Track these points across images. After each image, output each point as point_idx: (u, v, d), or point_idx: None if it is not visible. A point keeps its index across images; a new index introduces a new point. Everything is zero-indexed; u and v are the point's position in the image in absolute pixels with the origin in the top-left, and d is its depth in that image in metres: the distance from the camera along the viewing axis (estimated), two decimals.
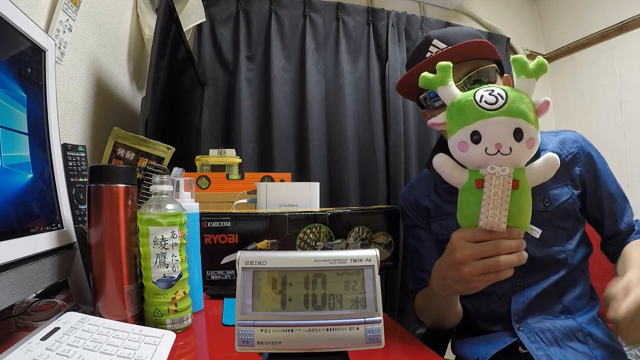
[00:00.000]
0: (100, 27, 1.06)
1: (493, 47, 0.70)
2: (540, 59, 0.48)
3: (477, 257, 0.49)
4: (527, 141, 0.46)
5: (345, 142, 1.75)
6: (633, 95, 2.01)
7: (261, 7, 1.73)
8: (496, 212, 0.46)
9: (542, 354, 0.64)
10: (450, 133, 0.50)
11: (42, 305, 0.58)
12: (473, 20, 2.27)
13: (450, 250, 0.53)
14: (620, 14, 2.01)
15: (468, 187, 0.50)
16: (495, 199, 0.46)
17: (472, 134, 0.47)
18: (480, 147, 0.47)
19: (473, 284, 0.51)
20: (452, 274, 0.53)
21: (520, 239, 0.49)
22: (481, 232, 0.49)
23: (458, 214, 0.52)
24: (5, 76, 0.46)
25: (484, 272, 0.49)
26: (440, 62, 0.52)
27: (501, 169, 0.46)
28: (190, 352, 0.50)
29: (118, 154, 0.89)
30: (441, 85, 0.52)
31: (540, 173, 0.48)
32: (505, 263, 0.48)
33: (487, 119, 0.46)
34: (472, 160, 0.49)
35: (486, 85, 0.50)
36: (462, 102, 0.49)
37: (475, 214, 0.48)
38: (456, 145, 0.49)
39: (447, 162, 0.51)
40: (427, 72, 0.53)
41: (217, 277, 0.75)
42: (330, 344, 0.36)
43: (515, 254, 0.48)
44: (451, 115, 0.50)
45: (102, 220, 0.51)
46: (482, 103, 0.47)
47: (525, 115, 0.46)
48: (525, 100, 0.47)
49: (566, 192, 0.71)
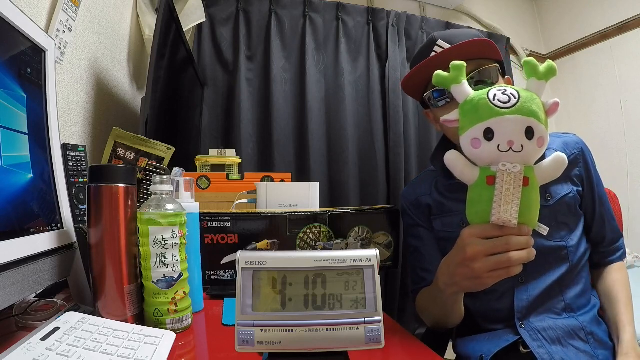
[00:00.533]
0: (100, 27, 1.06)
1: (496, 46, 0.71)
2: (550, 62, 0.50)
3: (488, 253, 0.50)
4: (538, 140, 0.48)
5: (345, 142, 1.75)
6: (633, 95, 2.01)
7: (261, 7, 1.74)
8: (508, 208, 0.47)
9: (544, 352, 0.64)
10: (462, 130, 0.51)
11: (42, 305, 0.58)
12: (473, 20, 2.27)
13: (461, 246, 0.53)
14: (620, 14, 2.02)
15: (479, 184, 0.50)
16: (507, 195, 0.47)
17: (486, 131, 0.48)
18: (492, 144, 0.48)
19: (483, 280, 0.52)
20: (462, 270, 0.53)
21: (529, 235, 0.50)
22: (492, 228, 0.50)
23: (468, 210, 0.52)
24: (5, 76, 0.46)
25: (495, 268, 0.50)
26: (454, 61, 0.53)
27: (512, 166, 0.47)
28: (190, 352, 0.50)
29: (118, 154, 0.89)
30: (455, 83, 0.53)
31: (549, 171, 0.50)
32: (516, 259, 0.49)
33: (501, 117, 0.47)
34: (485, 157, 0.50)
35: (498, 85, 0.52)
36: (475, 100, 0.50)
37: (486, 211, 0.49)
38: (469, 141, 0.50)
39: (459, 158, 0.52)
40: (441, 70, 0.54)
41: (217, 277, 0.75)
42: (330, 344, 0.36)
43: (525, 250, 0.49)
44: (464, 113, 0.51)
45: (102, 220, 0.51)
46: (495, 101, 0.48)
47: (536, 114, 0.48)
48: (536, 101, 0.49)
49: (566, 188, 0.72)
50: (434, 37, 0.74)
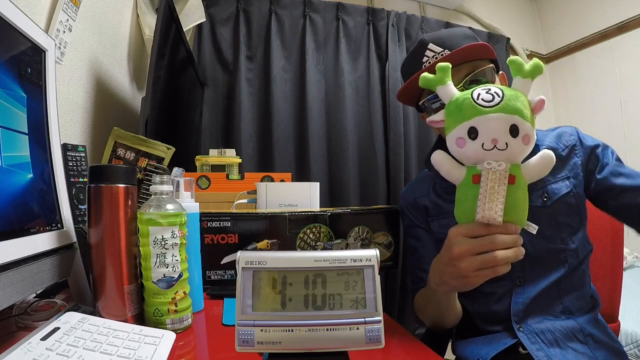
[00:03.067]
0: (100, 27, 1.06)
1: (490, 47, 0.71)
2: (536, 60, 0.50)
3: (474, 252, 0.50)
4: (523, 137, 0.48)
5: (345, 142, 1.75)
6: (633, 95, 2.01)
7: (261, 7, 1.74)
8: (492, 205, 0.47)
9: (542, 354, 0.64)
10: (448, 130, 0.52)
11: (42, 305, 0.58)
12: (473, 20, 2.27)
13: (448, 246, 0.53)
14: (620, 14, 2.02)
15: (465, 183, 0.51)
16: (492, 192, 0.47)
17: (469, 130, 0.48)
18: (477, 143, 0.48)
19: (470, 280, 0.51)
20: (450, 270, 0.53)
21: (516, 234, 0.50)
22: (478, 227, 0.49)
23: (455, 210, 0.52)
24: (5, 76, 0.46)
25: (481, 267, 0.50)
26: (439, 63, 0.53)
27: (497, 163, 0.48)
28: (190, 352, 0.50)
29: (118, 154, 0.89)
30: (440, 84, 0.53)
31: (536, 169, 0.50)
32: (502, 258, 0.48)
33: (484, 115, 0.47)
34: (470, 155, 0.50)
35: (483, 85, 0.52)
36: (459, 100, 0.50)
37: (472, 209, 0.49)
38: (454, 141, 0.51)
39: (445, 158, 0.52)
40: (427, 73, 0.55)
41: (217, 277, 0.75)
42: (330, 344, 0.36)
43: (512, 249, 0.49)
44: (449, 113, 0.52)
45: (102, 220, 0.51)
46: (479, 100, 0.48)
47: (520, 112, 0.47)
48: (521, 99, 0.49)
49: (566, 186, 0.70)
50: (423, 40, 0.73)
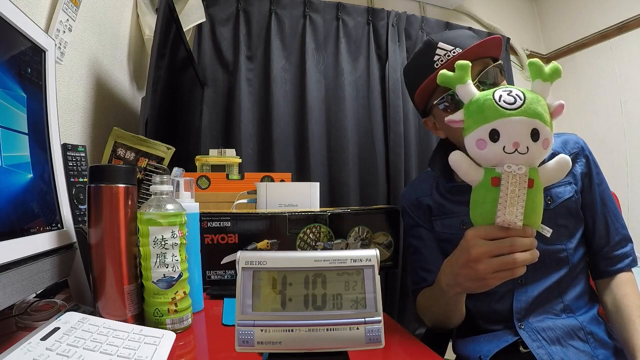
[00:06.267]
0: (100, 27, 1.05)
1: (501, 40, 0.71)
2: (555, 64, 0.50)
3: (492, 254, 0.50)
4: (543, 142, 0.48)
5: (345, 142, 1.75)
6: (633, 95, 2.01)
7: (261, 7, 1.73)
8: (513, 210, 0.47)
9: (543, 352, 0.64)
10: (467, 131, 0.51)
11: (42, 305, 0.58)
12: (473, 20, 2.27)
13: (465, 247, 0.53)
14: (620, 14, 2.02)
15: (483, 185, 0.50)
16: (513, 196, 0.47)
17: (491, 132, 0.48)
18: (498, 146, 0.48)
19: (487, 282, 0.52)
20: (466, 271, 0.53)
21: (533, 236, 0.50)
22: (497, 229, 0.49)
23: (472, 212, 0.52)
24: (5, 76, 0.46)
25: (499, 269, 0.50)
26: (459, 60, 0.52)
27: (518, 167, 0.47)
28: (190, 352, 0.50)
29: (118, 154, 0.89)
30: (460, 83, 0.52)
31: (553, 173, 0.50)
32: (521, 260, 0.49)
33: (506, 118, 0.47)
34: (490, 158, 0.49)
35: (504, 86, 0.51)
36: (481, 101, 0.50)
37: (491, 212, 0.49)
38: (474, 142, 0.50)
39: (464, 159, 0.52)
40: (446, 70, 0.54)
41: (217, 277, 0.75)
42: (330, 344, 0.36)
43: (529, 252, 0.49)
44: (469, 113, 0.51)
45: (102, 220, 0.51)
46: (501, 102, 0.48)
47: (542, 116, 0.47)
48: (541, 102, 0.48)
49: (569, 191, 0.72)
50: (432, 40, 0.72)
